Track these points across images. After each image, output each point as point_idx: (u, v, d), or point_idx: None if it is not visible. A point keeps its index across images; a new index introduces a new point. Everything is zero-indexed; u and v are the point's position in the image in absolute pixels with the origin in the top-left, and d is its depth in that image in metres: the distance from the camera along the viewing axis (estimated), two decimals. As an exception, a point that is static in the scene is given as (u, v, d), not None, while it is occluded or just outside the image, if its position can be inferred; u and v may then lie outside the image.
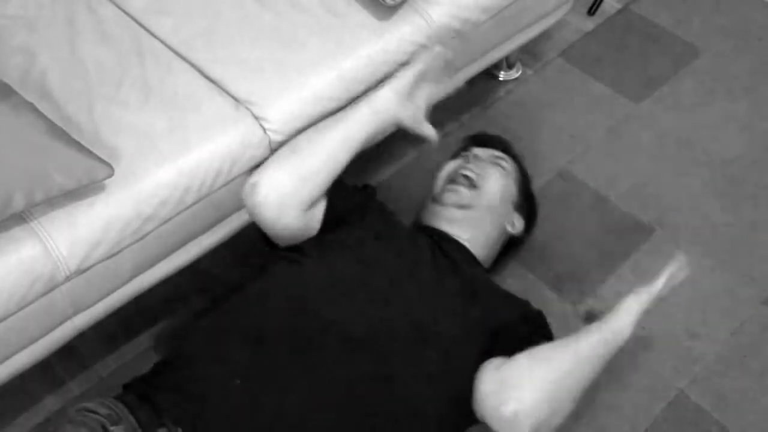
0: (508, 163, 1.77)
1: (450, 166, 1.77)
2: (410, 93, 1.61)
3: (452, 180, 1.73)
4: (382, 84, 1.62)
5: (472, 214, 1.68)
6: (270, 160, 1.56)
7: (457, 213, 1.68)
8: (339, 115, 1.61)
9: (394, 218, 1.69)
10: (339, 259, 1.52)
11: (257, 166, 1.61)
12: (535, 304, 1.62)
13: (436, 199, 1.73)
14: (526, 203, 1.80)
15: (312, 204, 1.54)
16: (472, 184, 1.70)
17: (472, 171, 1.71)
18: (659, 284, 1.45)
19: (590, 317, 1.47)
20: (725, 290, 1.91)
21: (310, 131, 1.61)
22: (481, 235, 1.68)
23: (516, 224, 1.76)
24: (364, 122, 1.58)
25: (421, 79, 1.62)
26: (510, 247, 1.80)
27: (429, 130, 1.67)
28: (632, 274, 1.92)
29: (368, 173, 2.06)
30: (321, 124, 1.61)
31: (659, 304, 1.45)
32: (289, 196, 1.51)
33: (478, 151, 1.76)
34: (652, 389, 1.75)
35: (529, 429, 1.32)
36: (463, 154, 1.80)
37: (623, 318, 1.42)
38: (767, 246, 1.99)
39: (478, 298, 1.53)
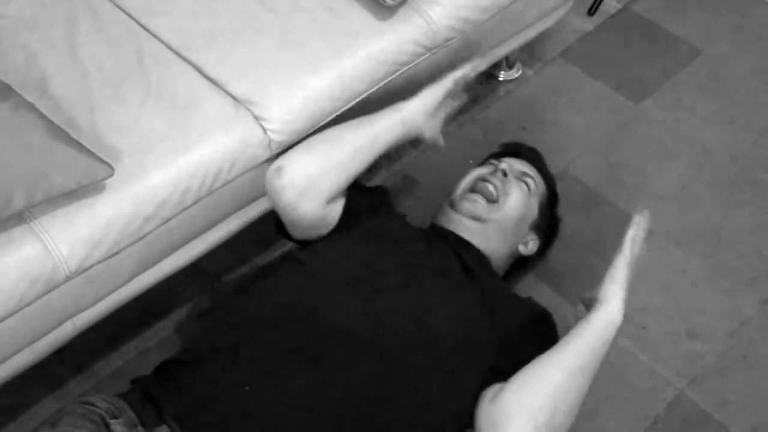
0: (535, 182, 1.72)
1: (475, 173, 1.72)
2: (436, 108, 1.64)
3: (473, 188, 1.68)
4: (410, 96, 1.64)
5: (485, 228, 1.65)
6: (297, 147, 1.58)
7: (471, 224, 1.65)
8: (367, 117, 1.62)
9: (404, 220, 1.69)
10: (346, 259, 1.52)
11: (257, 166, 1.61)
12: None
13: (453, 205, 1.69)
14: (547, 225, 1.76)
15: (332, 198, 1.56)
16: (491, 198, 1.66)
17: (494, 184, 1.67)
18: (626, 254, 1.44)
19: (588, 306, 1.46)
20: (725, 290, 1.91)
21: (337, 127, 1.62)
22: (491, 249, 1.65)
23: (530, 245, 1.72)
24: (392, 127, 1.61)
25: (448, 96, 1.65)
26: (518, 266, 1.77)
27: (441, 142, 1.72)
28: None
29: (368, 172, 2.05)
30: (348, 123, 1.62)
31: (636, 268, 1.44)
32: (312, 184, 1.53)
33: (507, 164, 1.71)
34: (652, 389, 1.75)
35: None
36: (492, 161, 1.75)
37: (611, 305, 1.41)
38: (767, 246, 1.99)
39: (491, 305, 1.51)
